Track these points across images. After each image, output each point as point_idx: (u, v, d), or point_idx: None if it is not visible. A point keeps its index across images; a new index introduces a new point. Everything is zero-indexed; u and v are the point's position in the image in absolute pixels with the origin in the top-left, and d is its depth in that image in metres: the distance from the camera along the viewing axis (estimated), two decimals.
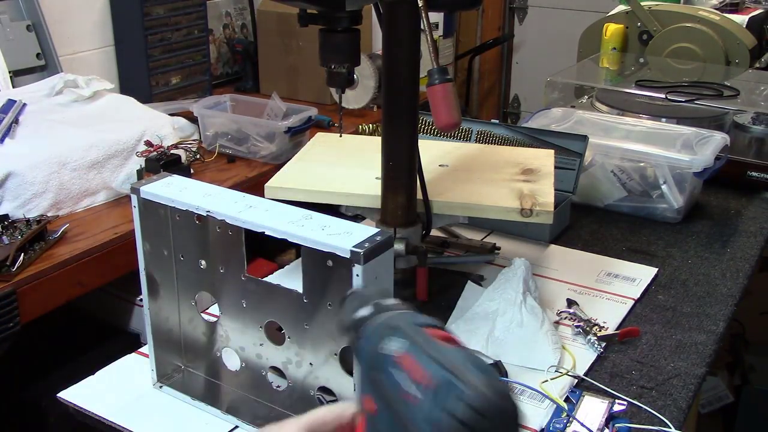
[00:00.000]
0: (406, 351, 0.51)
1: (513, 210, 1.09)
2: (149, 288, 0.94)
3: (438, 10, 1.25)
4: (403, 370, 0.50)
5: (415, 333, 0.52)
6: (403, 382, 0.49)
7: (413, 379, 0.49)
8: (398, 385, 0.50)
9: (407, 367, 0.50)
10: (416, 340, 0.51)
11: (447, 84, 0.91)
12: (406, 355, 0.50)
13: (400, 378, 0.50)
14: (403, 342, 0.51)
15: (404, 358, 0.50)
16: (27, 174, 1.54)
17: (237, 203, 0.85)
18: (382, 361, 0.51)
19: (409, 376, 0.49)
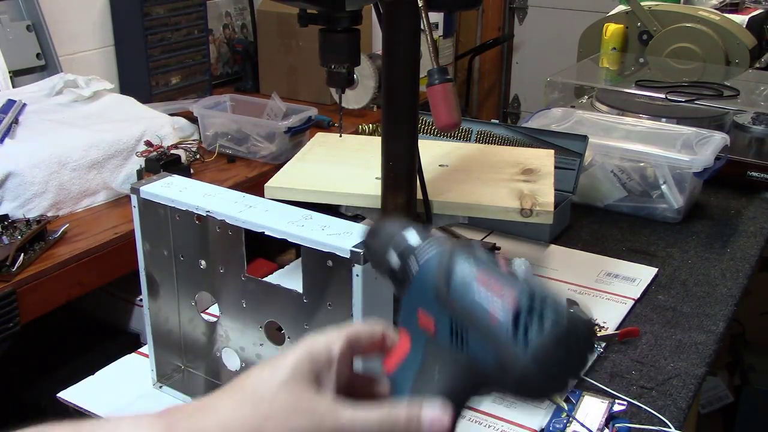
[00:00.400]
0: (483, 273, 0.52)
1: (513, 210, 1.09)
2: (149, 288, 0.94)
3: (438, 10, 1.25)
4: (485, 290, 0.51)
5: (488, 257, 0.54)
6: (486, 301, 0.51)
7: (496, 298, 0.50)
8: (480, 304, 0.51)
9: (488, 287, 0.51)
10: (488, 263, 0.53)
11: (447, 84, 0.91)
12: (485, 277, 0.52)
13: (482, 297, 0.51)
14: (478, 265, 0.53)
15: (484, 279, 0.52)
16: (27, 174, 1.54)
17: (237, 203, 0.85)
18: (460, 284, 0.52)
19: (491, 296, 0.51)
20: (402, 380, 0.54)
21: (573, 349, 0.49)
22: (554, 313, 0.49)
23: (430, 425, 0.50)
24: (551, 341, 0.49)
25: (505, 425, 0.92)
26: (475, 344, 0.51)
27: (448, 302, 0.53)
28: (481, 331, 0.51)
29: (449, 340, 0.53)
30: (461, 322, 0.52)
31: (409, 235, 0.57)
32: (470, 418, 0.93)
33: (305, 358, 0.50)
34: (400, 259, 0.57)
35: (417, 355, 0.55)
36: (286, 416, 0.47)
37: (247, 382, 0.49)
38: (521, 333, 0.49)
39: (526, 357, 0.49)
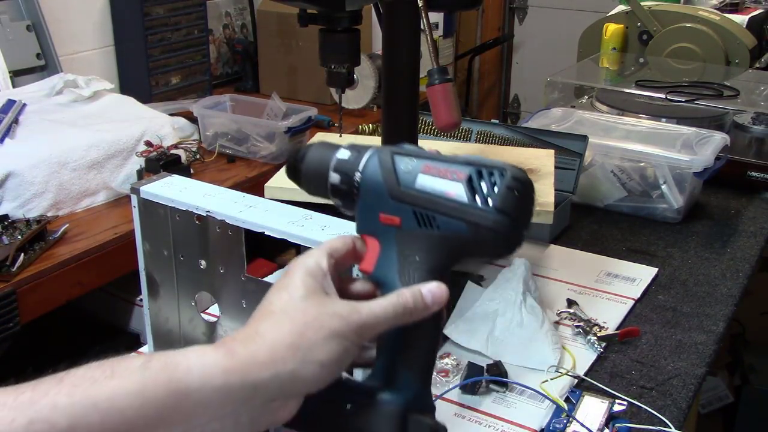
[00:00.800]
0: (427, 163, 0.59)
1: None
2: (149, 288, 0.94)
3: (438, 10, 1.25)
4: (435, 176, 0.58)
5: (421, 151, 0.60)
6: (440, 184, 0.58)
7: (447, 177, 0.58)
8: (434, 189, 0.58)
9: (437, 173, 0.58)
10: (425, 154, 0.60)
11: (447, 84, 0.92)
12: (429, 166, 0.59)
13: (435, 183, 0.58)
14: (417, 159, 0.59)
15: (430, 168, 0.59)
16: (27, 174, 1.54)
17: (237, 203, 0.85)
18: (407, 179, 0.59)
19: (441, 179, 0.58)
20: (387, 272, 0.60)
21: (524, 191, 0.57)
22: (499, 170, 0.57)
23: (432, 298, 0.57)
24: (507, 191, 0.57)
25: (505, 425, 0.92)
26: (443, 221, 0.58)
27: (404, 196, 0.59)
28: (444, 209, 0.58)
29: (417, 226, 0.59)
30: (423, 209, 0.58)
31: (342, 154, 0.62)
32: (470, 418, 0.93)
33: (308, 276, 0.57)
34: (341, 176, 0.62)
35: (391, 248, 0.60)
36: (319, 322, 0.54)
37: (274, 307, 0.55)
38: (479, 196, 0.57)
39: (491, 212, 0.56)
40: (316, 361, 0.53)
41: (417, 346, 0.58)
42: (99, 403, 0.46)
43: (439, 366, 1.00)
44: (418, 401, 0.58)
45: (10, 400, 0.45)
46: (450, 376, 0.99)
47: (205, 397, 0.49)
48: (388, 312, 0.56)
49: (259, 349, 0.52)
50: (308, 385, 0.53)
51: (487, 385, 0.97)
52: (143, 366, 0.49)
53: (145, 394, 0.48)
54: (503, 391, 0.97)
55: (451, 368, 1.00)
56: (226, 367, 0.50)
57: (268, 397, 0.52)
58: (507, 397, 0.96)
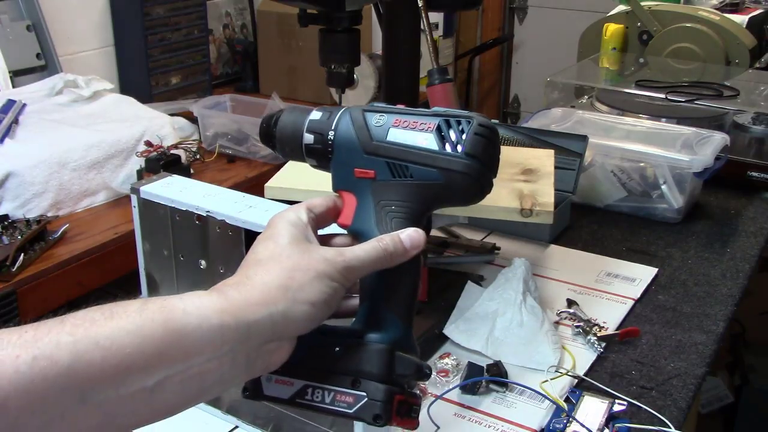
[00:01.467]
0: (397, 117, 0.62)
1: (513, 210, 1.09)
2: (149, 288, 0.94)
3: (438, 10, 1.25)
4: (405, 129, 0.62)
5: (391, 108, 0.63)
6: (411, 136, 0.61)
7: (417, 129, 0.61)
8: (406, 140, 0.61)
9: (407, 126, 0.62)
10: (395, 109, 0.63)
11: (447, 84, 0.92)
12: (399, 119, 0.62)
13: (406, 136, 0.61)
14: (388, 114, 0.63)
15: (400, 121, 0.62)
16: (27, 174, 1.54)
17: (237, 203, 0.85)
18: (379, 133, 0.62)
19: (411, 131, 0.61)
20: (364, 223, 0.62)
21: (491, 136, 0.61)
22: (465, 118, 0.61)
23: (411, 242, 0.60)
24: (475, 137, 0.60)
25: (505, 425, 0.92)
26: (416, 170, 0.61)
27: (378, 149, 0.62)
28: (416, 158, 0.61)
29: (391, 176, 0.62)
30: (396, 160, 0.61)
31: (315, 115, 0.65)
32: (470, 418, 0.93)
33: (290, 226, 0.59)
34: (314, 136, 0.64)
35: (367, 201, 0.63)
36: (307, 264, 0.56)
37: (261, 255, 0.57)
38: (449, 143, 0.60)
39: (462, 156, 0.60)
40: (306, 301, 0.55)
41: (398, 288, 0.60)
42: (100, 340, 0.48)
43: (439, 366, 1.00)
44: (403, 341, 0.60)
45: (15, 338, 0.46)
46: (450, 376, 0.99)
47: (202, 336, 0.51)
48: (370, 255, 0.58)
49: (251, 292, 0.54)
50: (300, 325, 0.55)
51: (487, 385, 0.97)
52: (141, 308, 0.51)
53: (144, 333, 0.49)
54: (503, 391, 0.97)
55: (451, 368, 1.00)
56: (221, 308, 0.52)
57: (262, 337, 0.54)
58: (507, 397, 0.96)
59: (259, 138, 0.67)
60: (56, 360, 0.46)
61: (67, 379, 0.46)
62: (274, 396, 0.59)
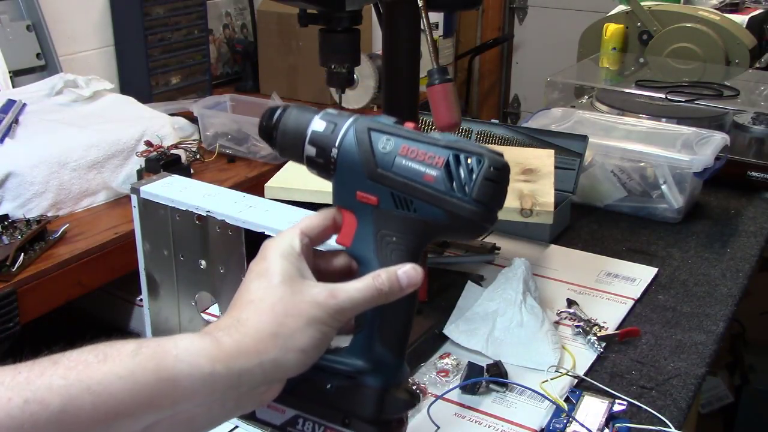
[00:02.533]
0: (405, 144, 0.59)
1: (513, 210, 1.09)
2: (149, 288, 0.94)
3: (438, 10, 1.24)
4: (412, 160, 0.58)
5: (398, 129, 0.60)
6: (418, 169, 0.58)
7: (425, 162, 0.58)
8: (412, 173, 0.58)
9: (415, 156, 0.58)
10: (404, 134, 0.59)
11: (447, 84, 0.92)
12: (407, 147, 0.59)
13: (412, 167, 0.58)
14: (395, 138, 0.59)
15: (407, 150, 0.59)
16: (27, 174, 1.54)
17: (237, 203, 0.85)
18: (385, 160, 0.59)
19: (419, 163, 0.58)
20: (364, 249, 0.61)
21: (501, 179, 0.58)
22: (477, 156, 0.57)
23: (408, 280, 0.58)
24: (484, 181, 0.57)
25: (505, 425, 0.92)
26: (420, 206, 0.59)
27: (382, 178, 0.59)
28: (421, 195, 0.58)
29: (395, 207, 0.59)
30: (401, 192, 0.59)
31: (318, 125, 0.61)
32: (470, 418, 0.93)
33: (283, 260, 0.58)
34: (317, 149, 0.61)
35: (368, 226, 0.61)
36: (298, 310, 0.55)
37: (253, 295, 0.57)
38: (457, 184, 0.57)
39: (469, 201, 0.57)
40: (297, 349, 0.55)
41: (393, 323, 0.60)
42: (92, 385, 0.48)
43: (439, 366, 1.00)
44: (395, 376, 0.60)
45: (8, 380, 0.46)
46: (450, 376, 0.99)
47: (193, 384, 0.51)
48: (364, 295, 0.57)
49: (243, 339, 0.54)
50: (290, 370, 0.56)
51: (487, 385, 0.97)
52: (135, 351, 0.51)
53: (135, 379, 0.50)
54: (503, 391, 0.97)
55: (451, 368, 1.00)
56: (213, 355, 0.52)
57: (252, 383, 0.54)
58: (507, 397, 0.96)
59: (259, 137, 0.66)
60: (47, 404, 0.46)
61: (57, 424, 0.46)
62: (266, 420, 0.60)
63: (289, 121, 0.62)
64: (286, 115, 0.63)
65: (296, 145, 0.62)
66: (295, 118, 0.62)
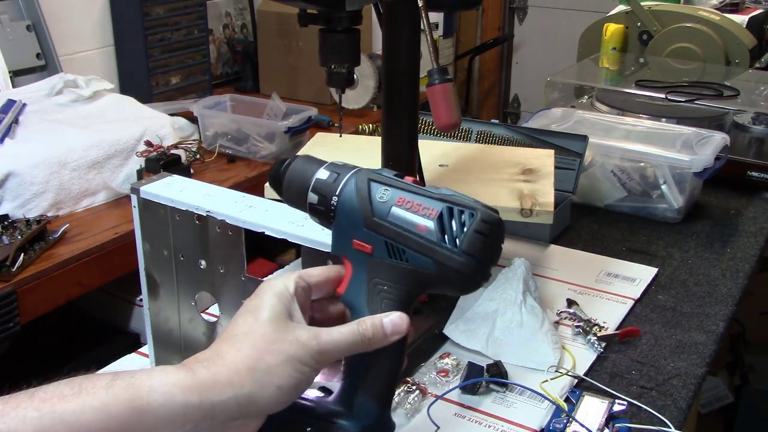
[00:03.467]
0: (402, 195, 0.61)
1: (513, 210, 1.09)
2: (149, 288, 0.94)
3: (438, 10, 1.24)
4: (407, 210, 0.60)
5: (397, 181, 0.62)
6: (412, 219, 0.60)
7: (419, 213, 0.60)
8: (406, 223, 0.60)
9: (410, 207, 0.60)
10: (402, 186, 0.62)
11: (447, 84, 0.91)
12: (403, 198, 0.61)
13: (407, 218, 0.60)
14: (393, 189, 0.61)
15: (403, 201, 0.61)
16: (27, 174, 1.54)
17: (237, 203, 0.85)
18: (381, 209, 0.61)
19: (413, 214, 0.60)
20: (356, 297, 0.62)
21: (493, 233, 0.60)
22: (469, 210, 0.59)
23: (393, 328, 0.59)
24: (475, 234, 0.59)
25: (505, 425, 0.92)
26: (412, 256, 0.60)
27: (378, 227, 0.61)
28: (413, 245, 0.60)
29: (388, 256, 0.61)
30: (394, 241, 0.60)
31: (322, 174, 0.64)
32: (470, 418, 0.93)
33: (275, 299, 0.59)
34: (318, 197, 0.64)
35: (361, 274, 0.62)
36: (279, 347, 0.56)
37: (239, 329, 0.58)
38: (448, 236, 0.59)
39: (459, 253, 0.58)
40: (273, 385, 0.55)
41: (378, 371, 0.60)
42: (65, 417, 0.49)
43: (439, 366, 1.00)
44: (376, 426, 0.60)
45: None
46: (450, 376, 0.99)
47: (166, 415, 0.52)
48: (347, 340, 0.58)
49: (219, 371, 0.55)
50: (266, 407, 0.56)
51: (487, 385, 0.97)
52: (109, 384, 0.52)
53: (109, 411, 0.50)
54: (503, 391, 0.97)
55: (451, 368, 1.00)
56: (187, 386, 0.53)
57: (227, 416, 0.55)
58: (507, 397, 0.96)
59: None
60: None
61: None
62: None
63: (296, 169, 0.65)
64: (294, 164, 0.65)
65: (301, 193, 0.64)
66: (302, 168, 0.65)
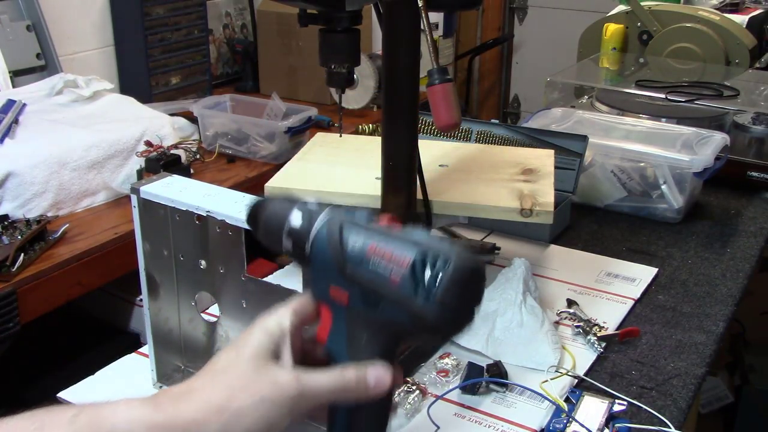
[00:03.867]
0: (374, 242, 0.57)
1: (513, 210, 1.09)
2: (149, 288, 0.94)
3: (438, 10, 1.24)
4: (380, 259, 0.56)
5: (370, 225, 0.58)
6: (384, 269, 0.56)
7: (391, 263, 0.55)
8: (378, 273, 0.56)
9: (382, 256, 0.56)
10: (375, 230, 0.58)
11: (447, 84, 0.91)
12: (374, 246, 0.57)
13: (379, 267, 0.56)
14: (366, 235, 0.57)
15: (375, 249, 0.56)
16: (27, 174, 1.54)
17: (237, 203, 0.85)
18: (353, 257, 0.57)
19: (386, 262, 0.56)
20: (337, 347, 0.60)
21: (469, 281, 0.55)
22: (444, 259, 0.54)
23: (376, 383, 0.58)
24: (449, 284, 0.54)
25: (505, 425, 0.92)
26: (386, 307, 0.57)
27: (351, 276, 0.58)
28: (388, 295, 0.56)
29: (363, 307, 0.58)
30: (369, 291, 0.57)
31: (295, 219, 0.61)
32: (470, 418, 0.93)
33: (263, 337, 0.57)
34: (293, 243, 0.61)
35: (341, 322, 0.60)
36: (254, 387, 0.54)
37: (219, 365, 0.57)
38: (421, 287, 0.54)
39: (433, 306, 0.54)
40: (242, 427, 0.53)
41: (361, 426, 0.59)
42: None
43: (439, 366, 1.00)
44: None
45: None
46: (450, 376, 0.99)
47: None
48: (329, 386, 0.56)
49: (186, 408, 0.53)
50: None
51: (487, 385, 0.97)
52: (72, 420, 0.51)
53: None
54: (503, 391, 0.97)
55: (451, 368, 1.00)
56: (150, 422, 0.52)
57: None
58: (507, 397, 0.96)
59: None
60: None
61: None
62: None
63: (269, 212, 0.62)
64: (268, 208, 0.63)
65: (276, 236, 0.61)
66: (275, 211, 0.62)
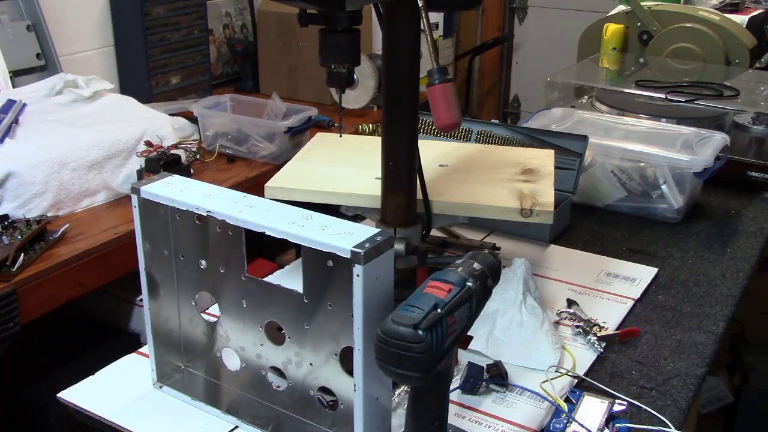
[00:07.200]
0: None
1: (513, 210, 1.09)
2: (149, 288, 0.94)
3: (438, 10, 1.24)
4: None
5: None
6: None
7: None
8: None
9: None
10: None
11: (447, 84, 0.91)
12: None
13: None
14: None
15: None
16: (27, 174, 1.54)
17: (237, 203, 0.85)
18: None
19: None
20: None
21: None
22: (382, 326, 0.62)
23: None
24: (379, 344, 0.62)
25: (505, 425, 0.92)
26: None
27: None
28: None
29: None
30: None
31: None
32: (470, 418, 0.93)
33: None
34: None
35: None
36: None
37: None
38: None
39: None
40: None
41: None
42: None
43: None
44: None
45: None
46: None
47: None
48: None
49: None
50: None
51: (487, 385, 0.97)
52: None
53: None
54: (503, 391, 0.97)
55: None
56: None
57: None
58: (507, 397, 0.96)
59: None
60: None
61: None
62: None
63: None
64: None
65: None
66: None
